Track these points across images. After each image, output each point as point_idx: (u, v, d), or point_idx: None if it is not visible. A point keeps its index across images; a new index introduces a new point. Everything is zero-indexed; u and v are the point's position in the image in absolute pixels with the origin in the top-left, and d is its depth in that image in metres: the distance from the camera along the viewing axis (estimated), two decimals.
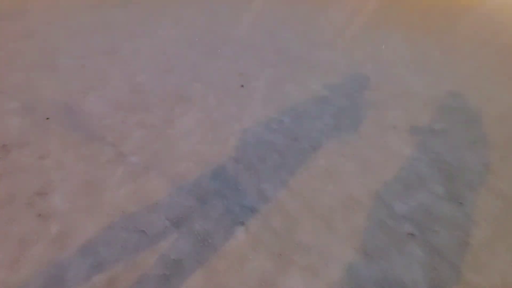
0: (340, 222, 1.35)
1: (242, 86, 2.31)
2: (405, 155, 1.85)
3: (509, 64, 3.39)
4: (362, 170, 1.70)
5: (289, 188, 1.51)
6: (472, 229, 1.40)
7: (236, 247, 1.18)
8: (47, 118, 1.74)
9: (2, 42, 2.54)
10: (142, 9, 3.52)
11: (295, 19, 4.01)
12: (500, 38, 4.29)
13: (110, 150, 1.57)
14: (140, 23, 3.13)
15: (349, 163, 1.73)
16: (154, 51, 2.67)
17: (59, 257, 1.07)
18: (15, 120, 1.70)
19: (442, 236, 1.35)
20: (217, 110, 2.02)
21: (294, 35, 3.44)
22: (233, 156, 1.65)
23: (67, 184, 1.35)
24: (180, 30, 3.13)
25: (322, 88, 2.44)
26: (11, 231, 1.14)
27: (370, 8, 5.16)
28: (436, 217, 1.44)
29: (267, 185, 1.50)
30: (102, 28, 2.96)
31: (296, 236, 1.26)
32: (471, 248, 1.32)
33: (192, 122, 1.88)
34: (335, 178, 1.62)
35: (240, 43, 3.04)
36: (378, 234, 1.31)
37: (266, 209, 1.37)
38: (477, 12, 6.03)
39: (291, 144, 1.80)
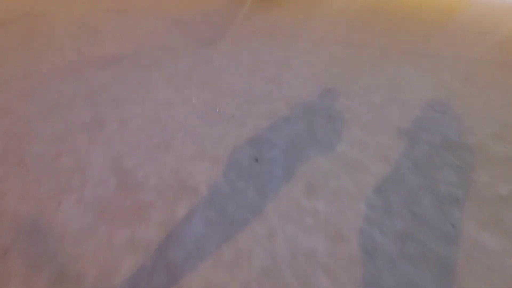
0: None
1: (257, 160, 1.87)
2: (484, 244, 1.40)
3: None
4: (440, 280, 1.23)
5: None
6: None
7: None
8: (5, 253, 1.26)
9: None
10: (130, 68, 3.17)
11: (295, 59, 3.71)
12: None
13: None
14: (128, 86, 2.76)
15: (423, 271, 1.26)
16: (145, 120, 2.26)
17: None
18: None
19: None
20: (232, 202, 1.57)
21: (300, 79, 3.10)
22: (265, 286, 1.17)
23: None
24: (175, 88, 2.76)
25: (351, 149, 2.02)
26: None
27: (366, 37, 4.96)
28: None
29: None
30: (84, 96, 2.57)
31: None
32: None
33: (201, 229, 1.41)
34: None
35: (243, 96, 2.67)
36: None
37: None
38: (471, 21, 5.90)
39: (337, 250, 1.34)
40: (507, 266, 1.34)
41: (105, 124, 2.19)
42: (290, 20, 6.10)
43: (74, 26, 4.97)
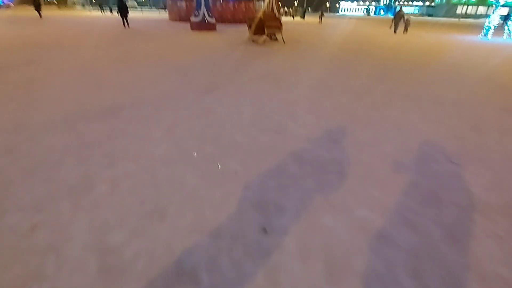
0: None
1: (265, 230, 1.62)
2: None
3: None
4: None
5: None
6: None
7: None
8: None
9: None
10: (128, 119, 3.05)
11: (298, 106, 3.64)
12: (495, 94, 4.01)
13: None
14: (124, 140, 2.59)
15: None
16: (139, 180, 2.04)
17: None
18: None
19: None
20: None
21: (305, 129, 2.97)
22: None
23: None
24: (174, 142, 2.59)
25: (371, 214, 1.77)
26: None
27: (365, 82, 5.01)
28: None
29: None
30: (74, 153, 2.38)
31: None
32: None
33: None
34: None
35: (247, 150, 2.49)
36: None
37: None
38: (461, 63, 6.02)
39: None
40: None
41: (93, 186, 1.96)
42: (289, 65, 6.27)
43: (76, 74, 5.01)
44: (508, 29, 13.64)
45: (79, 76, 4.95)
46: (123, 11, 14.25)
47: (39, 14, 19.52)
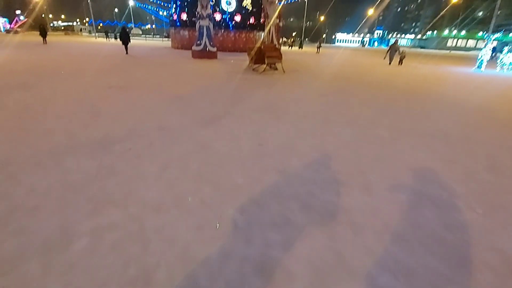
0: None
1: None
2: None
3: None
4: None
5: None
6: None
7: None
8: None
9: None
10: (120, 155, 2.83)
11: (300, 141, 3.46)
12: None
13: None
14: (113, 181, 2.35)
15: None
16: (125, 232, 1.78)
17: None
18: None
19: None
20: None
21: (310, 168, 2.76)
22: None
23: None
24: (167, 183, 2.36)
25: (396, 282, 1.51)
26: None
27: (368, 115, 4.91)
28: None
29: None
30: (56, 195, 2.13)
31: None
32: None
33: None
34: None
35: (247, 193, 2.26)
36: None
37: None
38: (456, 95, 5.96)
39: None
40: None
41: (71, 241, 1.70)
42: (289, 96, 6.21)
43: (71, 102, 4.88)
44: (501, 61, 14.06)
45: (74, 104, 4.82)
46: (125, 39, 14.63)
47: (44, 40, 20.06)
